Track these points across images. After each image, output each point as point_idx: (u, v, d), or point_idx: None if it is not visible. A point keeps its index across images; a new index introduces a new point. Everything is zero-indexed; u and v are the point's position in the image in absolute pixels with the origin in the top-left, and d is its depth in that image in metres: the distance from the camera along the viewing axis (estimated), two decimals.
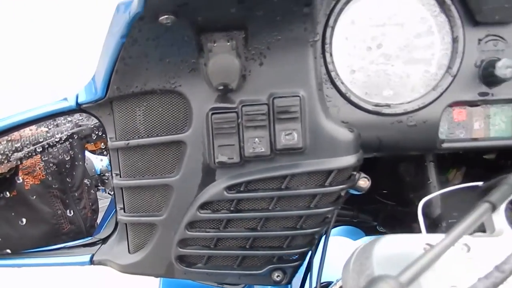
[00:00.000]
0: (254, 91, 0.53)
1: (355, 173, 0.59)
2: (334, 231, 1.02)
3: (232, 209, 0.56)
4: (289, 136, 0.52)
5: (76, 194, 1.17)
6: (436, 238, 0.44)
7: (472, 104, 0.58)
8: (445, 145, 0.60)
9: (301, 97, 0.52)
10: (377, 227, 1.00)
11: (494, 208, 0.42)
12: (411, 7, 0.56)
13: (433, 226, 0.69)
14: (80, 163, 1.17)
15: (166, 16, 0.45)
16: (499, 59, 0.52)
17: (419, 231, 0.56)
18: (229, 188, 0.55)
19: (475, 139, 0.60)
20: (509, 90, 0.56)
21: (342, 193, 0.60)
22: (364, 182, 0.60)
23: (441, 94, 0.56)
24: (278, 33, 0.51)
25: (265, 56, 0.53)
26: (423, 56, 0.57)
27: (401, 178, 0.87)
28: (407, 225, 0.79)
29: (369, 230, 1.08)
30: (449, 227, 0.63)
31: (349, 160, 0.54)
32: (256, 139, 0.53)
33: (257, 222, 0.57)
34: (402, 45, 0.56)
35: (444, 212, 0.69)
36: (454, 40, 0.55)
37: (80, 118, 0.95)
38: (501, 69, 0.52)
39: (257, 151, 0.53)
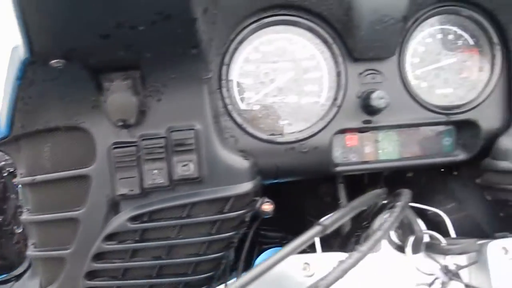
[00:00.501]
0: (153, 125, 0.56)
1: (257, 198, 0.63)
2: (266, 252, 1.05)
3: (137, 239, 0.58)
4: (185, 167, 0.55)
5: (8, 229, 1.14)
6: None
7: (359, 130, 0.64)
8: (338, 168, 0.65)
9: (196, 130, 0.56)
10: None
11: (325, 230, 0.48)
12: (301, 45, 0.62)
13: (344, 243, 0.74)
14: (13, 195, 1.15)
15: (56, 60, 0.48)
16: (374, 91, 0.59)
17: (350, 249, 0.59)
18: (133, 219, 0.57)
19: (366, 162, 0.66)
20: (388, 118, 0.62)
21: (246, 218, 0.63)
22: (268, 206, 0.64)
23: (328, 123, 0.61)
24: (171, 72, 0.55)
25: (162, 93, 0.56)
26: (313, 89, 0.62)
27: (322, 199, 0.92)
28: (330, 244, 0.83)
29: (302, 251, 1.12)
30: (357, 242, 0.68)
31: (246, 186, 0.57)
32: (155, 171, 0.55)
33: (162, 250, 0.59)
34: (293, 80, 0.62)
35: (352, 229, 0.74)
36: (338, 74, 0.61)
37: None
38: (375, 100, 0.58)
39: (156, 183, 0.55)
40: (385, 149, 0.66)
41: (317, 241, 0.61)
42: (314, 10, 0.59)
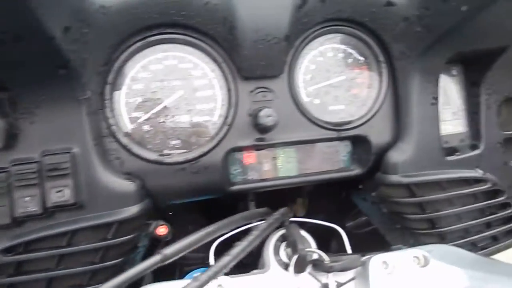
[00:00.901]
0: (26, 149, 0.53)
1: (150, 221, 0.61)
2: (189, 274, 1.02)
3: (12, 273, 0.53)
4: (59, 193, 0.52)
5: None
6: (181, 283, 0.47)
7: (254, 148, 0.64)
8: (236, 187, 0.64)
9: (73, 153, 0.53)
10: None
11: (165, 259, 0.47)
12: (192, 64, 0.61)
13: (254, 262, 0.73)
14: None
15: None
16: (262, 109, 0.59)
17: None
18: (7, 251, 0.53)
19: (265, 180, 0.66)
20: (281, 135, 0.63)
21: (139, 243, 0.60)
22: (163, 230, 0.62)
23: (219, 142, 0.60)
24: (42, 93, 0.52)
25: (36, 114, 0.53)
26: (205, 108, 0.62)
27: None
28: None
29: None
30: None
31: (132, 210, 0.55)
32: (27, 198, 0.52)
33: (42, 283, 0.55)
34: (183, 98, 0.61)
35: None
36: (228, 92, 0.61)
37: None
38: (262, 118, 0.58)
39: (28, 211, 0.52)
40: (283, 166, 0.66)
41: (211, 258, 0.59)
42: (201, 29, 0.58)
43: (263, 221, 0.59)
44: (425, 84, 0.64)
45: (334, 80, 0.65)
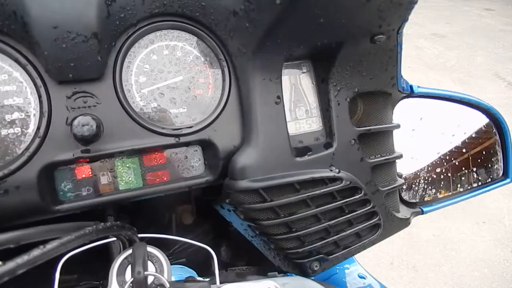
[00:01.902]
0: None
1: None
2: None
3: None
4: None
5: None
6: None
7: (78, 161, 0.56)
8: (64, 206, 0.56)
9: None
10: None
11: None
12: None
13: None
14: None
15: None
16: (76, 117, 0.52)
17: None
18: None
19: (101, 195, 0.58)
20: (110, 144, 0.56)
21: None
22: None
23: (31, 157, 0.52)
24: None
25: None
26: (17, 118, 0.53)
27: None
28: None
29: None
30: None
31: None
32: None
33: None
34: None
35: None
36: (39, 99, 0.53)
37: None
38: (77, 128, 0.51)
39: None
40: (124, 178, 0.60)
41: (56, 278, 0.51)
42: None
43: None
44: (267, 82, 0.60)
45: (172, 81, 0.60)
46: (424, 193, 0.87)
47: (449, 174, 0.88)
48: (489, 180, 0.90)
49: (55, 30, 0.49)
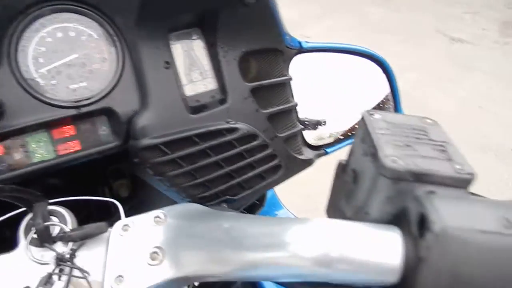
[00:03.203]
0: None
1: None
2: None
3: None
4: None
5: None
6: None
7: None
8: None
9: None
10: None
11: None
12: None
13: None
14: None
15: None
16: None
17: None
18: None
19: (15, 169, 0.65)
20: (14, 121, 0.62)
21: None
22: None
23: None
24: None
25: None
26: None
27: None
28: None
29: None
30: None
31: None
32: None
33: None
34: None
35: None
36: None
37: None
38: None
39: None
40: (36, 151, 0.66)
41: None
42: None
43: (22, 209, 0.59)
44: (155, 50, 0.68)
45: (68, 59, 0.67)
46: (327, 136, 0.99)
47: (347, 118, 1.00)
48: None
49: None
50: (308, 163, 0.89)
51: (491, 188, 3.36)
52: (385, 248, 0.38)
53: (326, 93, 1.02)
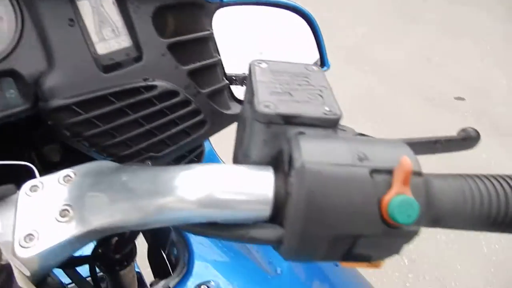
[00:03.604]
0: None
1: None
2: None
3: None
4: None
5: None
6: None
7: None
8: None
9: None
10: None
11: None
12: None
13: None
14: None
15: None
16: None
17: None
18: None
19: None
20: None
21: None
22: None
23: None
24: None
25: None
26: None
27: None
28: None
29: None
30: None
31: None
32: None
33: None
34: None
35: None
36: None
37: None
38: None
39: None
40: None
41: None
42: None
43: None
44: (55, 7, 0.66)
45: None
46: None
47: None
48: None
49: None
50: (235, 118, 0.91)
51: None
52: (258, 186, 0.42)
53: (254, 48, 1.03)
